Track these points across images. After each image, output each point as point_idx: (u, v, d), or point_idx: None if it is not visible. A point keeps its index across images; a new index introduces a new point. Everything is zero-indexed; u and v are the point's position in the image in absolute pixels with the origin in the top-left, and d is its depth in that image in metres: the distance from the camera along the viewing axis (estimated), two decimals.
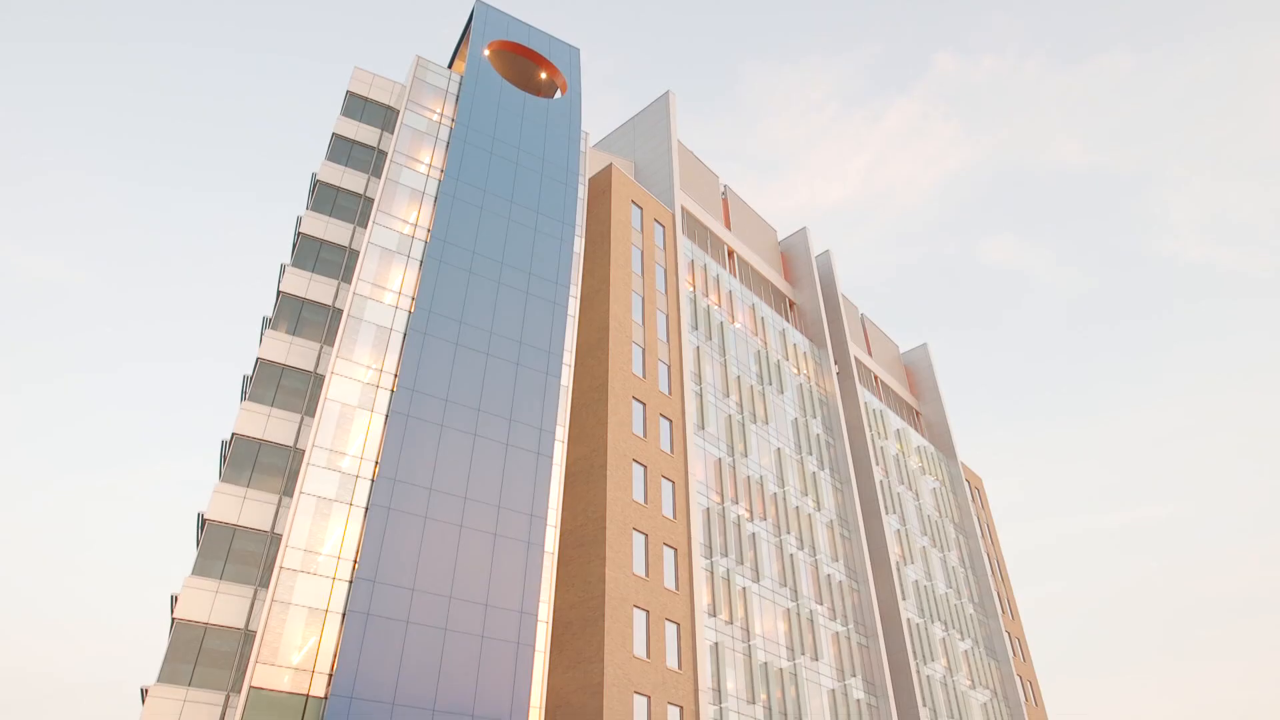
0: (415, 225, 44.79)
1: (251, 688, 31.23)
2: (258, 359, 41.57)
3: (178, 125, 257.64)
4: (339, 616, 33.93)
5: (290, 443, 40.07)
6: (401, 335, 41.21)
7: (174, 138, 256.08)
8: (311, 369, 42.26)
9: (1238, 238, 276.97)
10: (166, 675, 33.64)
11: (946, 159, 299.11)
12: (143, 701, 33.64)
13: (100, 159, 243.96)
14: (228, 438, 39.99)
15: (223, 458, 40.04)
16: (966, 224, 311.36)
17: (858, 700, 55.22)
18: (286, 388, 41.46)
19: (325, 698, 32.10)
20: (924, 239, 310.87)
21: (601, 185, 57.93)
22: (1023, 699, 74.00)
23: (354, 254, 45.75)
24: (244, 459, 38.98)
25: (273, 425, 40.15)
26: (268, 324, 43.36)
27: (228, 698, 33.76)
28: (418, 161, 47.63)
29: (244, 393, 41.58)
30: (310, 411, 40.60)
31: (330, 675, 32.64)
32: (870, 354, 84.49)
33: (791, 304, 76.13)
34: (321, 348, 42.97)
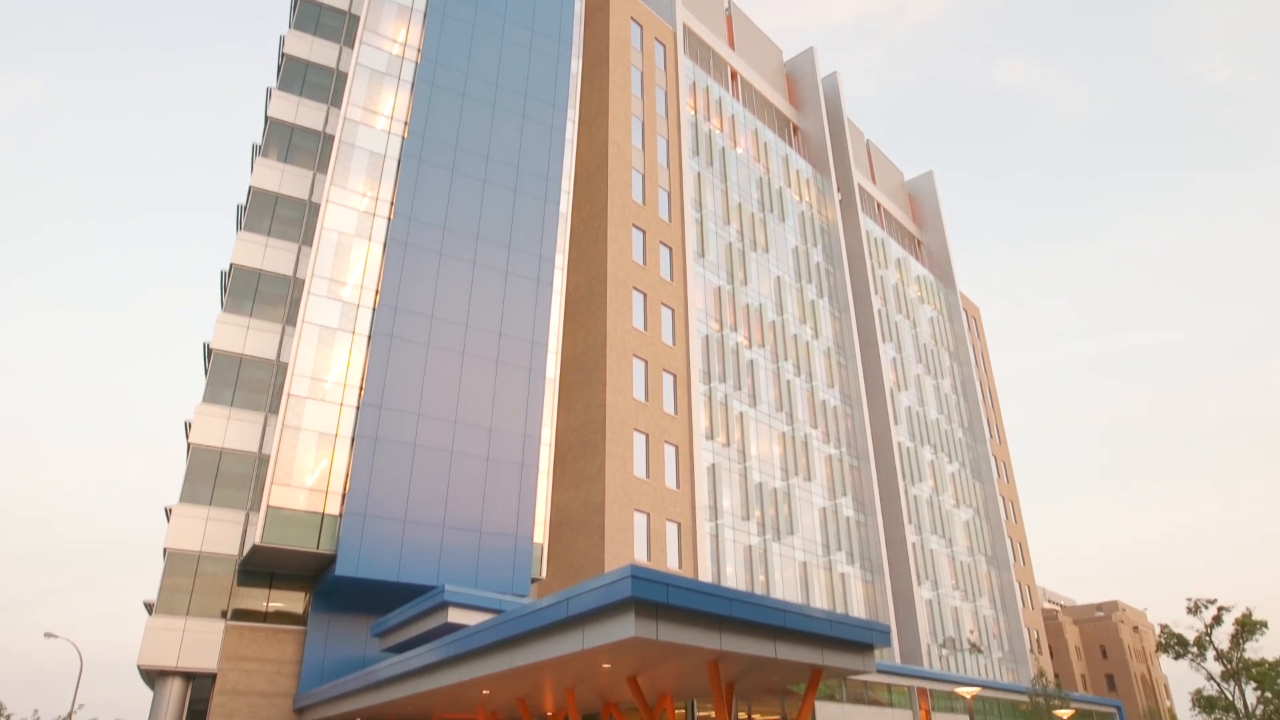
0: (405, 45, 42.81)
1: (269, 507, 32.72)
2: (250, 188, 40.88)
3: None
4: (348, 440, 35.07)
5: (289, 273, 40.06)
6: (396, 162, 40.30)
7: None
8: (306, 198, 41.63)
9: (1268, 60, 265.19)
10: (188, 496, 35.22)
11: None
12: (168, 520, 35.39)
13: None
14: (227, 268, 39.98)
15: (223, 288, 40.17)
16: (982, 43, 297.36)
17: (847, 518, 57.97)
18: (282, 217, 41.01)
19: (340, 515, 33.70)
20: (936, 59, 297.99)
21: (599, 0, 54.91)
22: (1003, 517, 77.71)
23: (342, 76, 44.02)
24: (244, 289, 39.11)
25: (271, 255, 40.01)
26: (258, 151, 42.34)
27: (247, 516, 35.47)
28: None
29: (239, 222, 41.18)
30: (307, 241, 40.34)
31: (343, 495, 34.13)
32: (874, 181, 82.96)
33: (795, 128, 73.99)
34: (315, 175, 42.14)
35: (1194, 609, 51.24)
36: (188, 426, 37.20)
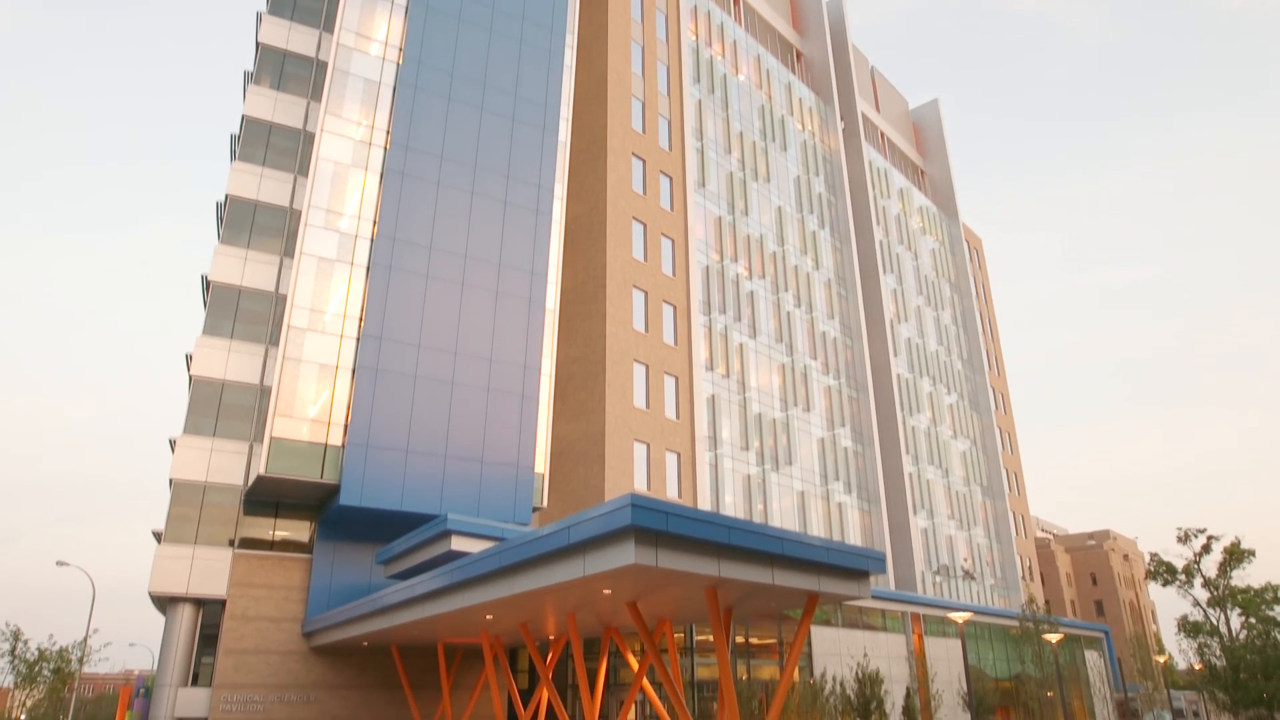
0: None
1: (273, 438, 32.98)
2: (243, 116, 40.19)
3: None
4: (349, 372, 35.18)
5: (286, 204, 39.65)
6: (391, 89, 39.53)
7: None
8: (300, 127, 40.95)
9: None
10: (191, 427, 35.49)
11: None
12: (172, 451, 35.73)
13: None
14: (222, 199, 39.56)
15: (219, 220, 39.81)
16: None
17: (845, 448, 58.50)
18: (277, 147, 40.41)
19: (342, 446, 34.00)
20: None
21: None
22: (1000, 448, 78.42)
23: None
24: (241, 221, 38.76)
25: (266, 186, 39.53)
26: (250, 79, 41.49)
27: (251, 447, 35.79)
28: None
29: (233, 153, 40.59)
30: (303, 171, 39.82)
31: (345, 426, 34.37)
32: (878, 110, 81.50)
33: (798, 55, 72.37)
34: (309, 104, 41.39)
35: (1184, 538, 52.13)
36: (189, 359, 37.28)
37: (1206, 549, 51.56)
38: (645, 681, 25.13)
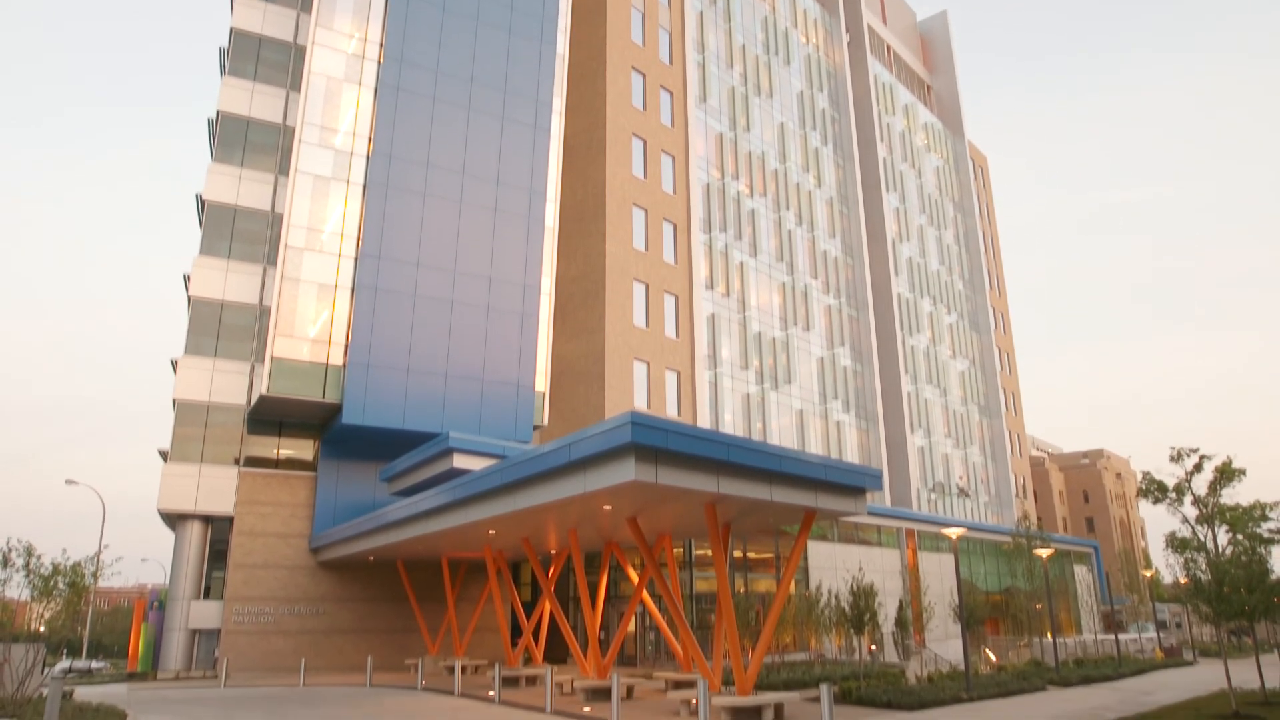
0: None
1: (274, 358, 33.09)
2: (231, 29, 39.15)
3: None
4: (348, 291, 35.08)
5: (279, 120, 38.93)
6: (383, 0, 38.38)
7: None
8: (291, 40, 39.92)
9: None
10: (192, 348, 35.59)
11: None
12: (175, 372, 35.89)
13: None
14: (214, 116, 38.83)
15: (212, 137, 39.16)
16: None
17: (844, 367, 58.74)
18: (268, 61, 39.47)
19: (344, 366, 34.14)
20: None
21: None
22: (998, 368, 78.72)
23: None
24: (234, 138, 38.11)
25: (258, 101, 38.76)
26: None
27: (253, 367, 35.95)
28: None
29: (223, 67, 39.66)
30: (295, 86, 38.96)
31: (346, 346, 34.45)
32: (885, 22, 79.24)
33: None
34: (299, 15, 40.27)
35: (1176, 457, 52.61)
36: (187, 279, 37.14)
37: (1198, 468, 52.06)
38: (645, 594, 25.77)
